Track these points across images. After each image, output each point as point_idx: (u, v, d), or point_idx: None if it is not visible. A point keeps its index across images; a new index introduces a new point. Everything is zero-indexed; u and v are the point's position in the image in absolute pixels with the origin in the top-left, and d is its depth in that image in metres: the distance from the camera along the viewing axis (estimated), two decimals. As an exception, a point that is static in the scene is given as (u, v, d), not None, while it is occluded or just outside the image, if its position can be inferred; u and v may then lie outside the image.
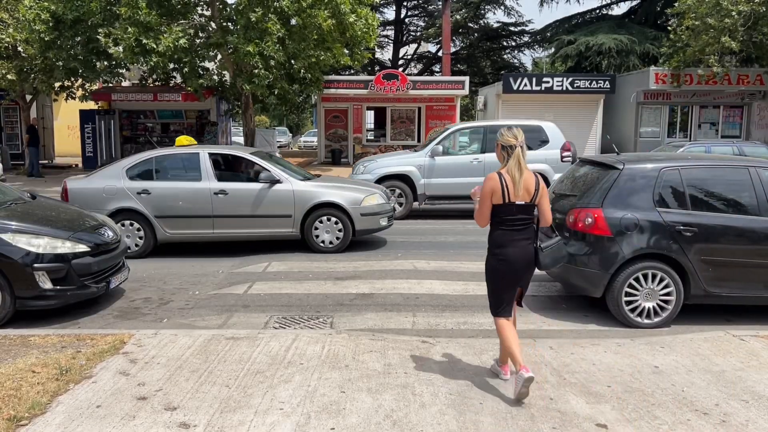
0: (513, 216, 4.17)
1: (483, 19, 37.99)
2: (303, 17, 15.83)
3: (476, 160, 12.31)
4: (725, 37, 19.53)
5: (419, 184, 12.27)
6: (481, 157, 12.32)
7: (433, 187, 12.30)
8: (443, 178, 12.20)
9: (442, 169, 12.29)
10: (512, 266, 4.21)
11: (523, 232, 4.22)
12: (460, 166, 12.32)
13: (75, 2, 16.08)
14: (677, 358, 4.87)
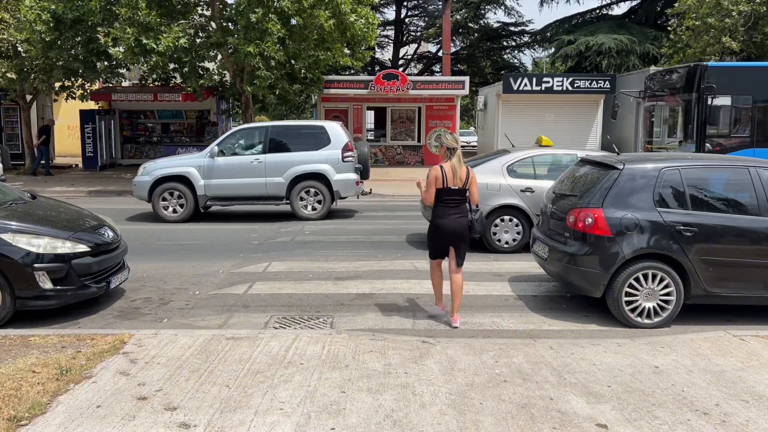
0: (449, 197, 5.74)
1: (483, 19, 37.98)
2: (303, 17, 15.83)
3: (257, 160, 11.94)
4: (726, 38, 19.52)
5: (199, 186, 11.79)
6: (262, 157, 11.97)
7: (213, 188, 11.86)
8: (223, 179, 11.80)
9: (222, 170, 11.87)
10: (443, 231, 5.83)
11: (457, 208, 5.77)
12: (241, 166, 11.97)
13: (75, 2, 16.06)
14: (677, 358, 4.87)
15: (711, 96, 11.69)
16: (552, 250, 6.38)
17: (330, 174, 11.87)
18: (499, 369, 4.62)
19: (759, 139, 11.68)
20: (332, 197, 11.99)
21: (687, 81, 12.11)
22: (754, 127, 11.93)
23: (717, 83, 11.71)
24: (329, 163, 11.93)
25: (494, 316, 6.22)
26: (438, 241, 5.92)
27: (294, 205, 11.89)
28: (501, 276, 7.77)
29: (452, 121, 25.88)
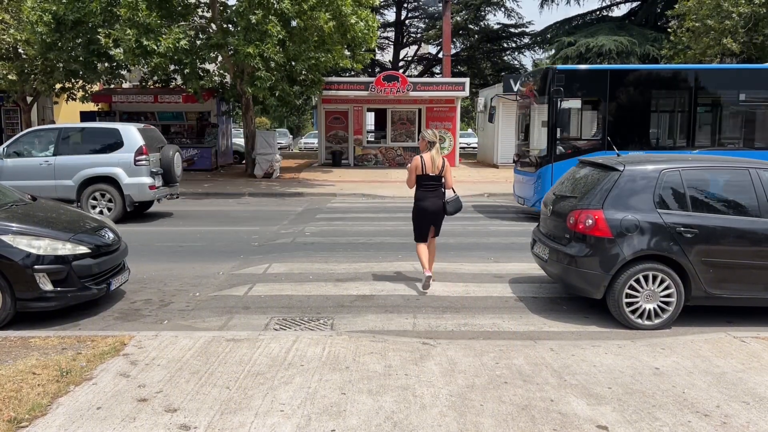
0: (427, 182, 7.04)
1: (483, 21, 38.05)
2: (304, 19, 15.85)
3: (46, 162, 11.79)
4: (726, 39, 19.53)
5: None
6: (52, 159, 11.80)
7: None
8: (12, 182, 11.07)
9: (10, 172, 11.59)
10: (425, 212, 7.11)
11: (434, 192, 7.08)
12: (30, 168, 11.78)
13: (76, 3, 16.10)
14: (678, 360, 4.87)
15: (560, 99, 11.58)
16: (552, 252, 6.39)
17: (121, 177, 11.59)
18: (500, 370, 4.61)
19: (611, 141, 11.65)
20: (124, 201, 11.69)
21: (541, 85, 12.02)
22: (605, 129, 11.85)
23: (566, 86, 11.60)
24: (121, 167, 11.64)
25: (495, 318, 6.22)
26: (422, 221, 7.18)
27: (84, 208, 11.50)
28: (501, 277, 7.76)
29: (452, 123, 25.89)
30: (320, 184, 18.99)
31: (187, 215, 12.91)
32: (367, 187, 18.09)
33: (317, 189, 17.84)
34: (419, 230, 7.22)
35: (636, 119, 12.07)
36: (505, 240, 10.29)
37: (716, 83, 12.33)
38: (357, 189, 17.81)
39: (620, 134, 11.79)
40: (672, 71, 13.11)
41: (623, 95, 12.05)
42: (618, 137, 11.55)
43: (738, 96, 12.11)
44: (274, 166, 20.67)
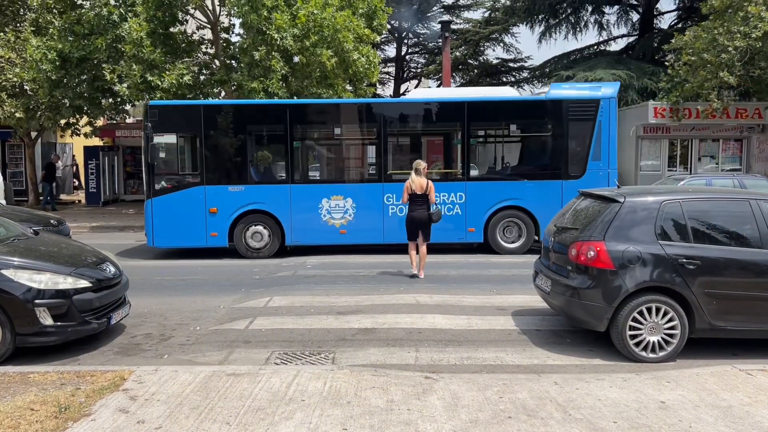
0: (415, 199, 9.55)
1: (482, 56, 38.56)
2: (306, 55, 16.08)
3: None
4: (723, 72, 19.77)
5: None
6: None
7: None
8: None
9: None
10: (414, 220, 9.61)
11: (421, 206, 9.55)
12: None
13: (81, 41, 16.38)
14: (684, 393, 4.81)
15: (155, 134, 11.52)
16: (555, 284, 6.36)
17: None
18: (504, 405, 4.55)
19: (209, 177, 11.66)
20: None
21: (143, 120, 12.00)
22: (203, 164, 11.80)
23: (161, 121, 11.59)
24: None
25: (498, 351, 6.17)
26: (411, 226, 9.69)
27: None
28: (504, 310, 7.72)
29: (453, 156, 25.96)
30: (322, 217, 18.99)
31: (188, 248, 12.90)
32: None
33: (319, 222, 17.83)
34: (410, 233, 9.79)
35: (232, 154, 12.04)
36: (507, 272, 10.26)
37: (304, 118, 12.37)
38: (358, 222, 17.79)
39: (218, 169, 11.87)
40: (265, 106, 13.07)
41: (219, 130, 11.96)
42: (215, 172, 11.74)
43: (333, 130, 12.27)
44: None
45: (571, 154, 12.04)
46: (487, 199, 12.00)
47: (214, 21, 18.75)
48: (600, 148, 11.87)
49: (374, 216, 11.89)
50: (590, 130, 11.89)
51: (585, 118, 11.93)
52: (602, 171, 11.90)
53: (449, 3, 36.86)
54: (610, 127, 11.92)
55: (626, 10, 35.38)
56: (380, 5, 18.51)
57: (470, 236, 12.09)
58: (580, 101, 12.02)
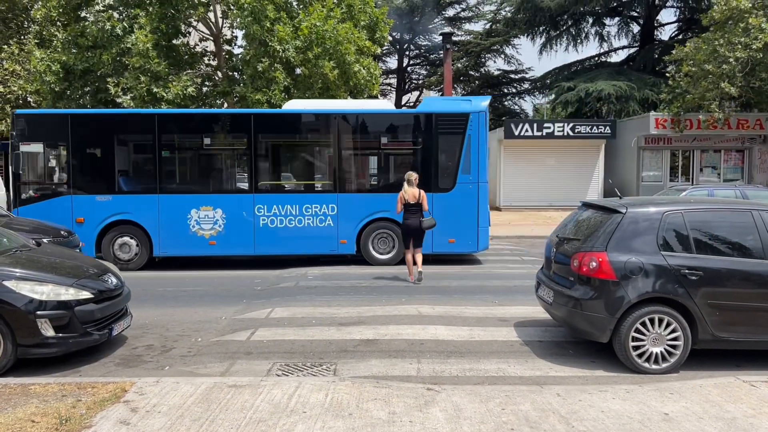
0: (409, 208, 10.08)
1: (484, 67, 38.78)
2: (308, 67, 16.18)
3: None
4: (724, 83, 19.83)
5: None
6: None
7: None
8: None
9: None
10: (408, 228, 10.16)
11: (415, 214, 10.09)
12: None
13: (85, 54, 16.50)
14: (687, 405, 4.78)
15: (21, 143, 11.45)
16: (557, 295, 6.35)
17: None
18: (506, 417, 4.53)
19: (76, 186, 11.54)
20: None
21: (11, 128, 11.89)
22: (70, 173, 11.68)
23: (29, 130, 11.55)
24: None
25: (500, 363, 6.14)
26: (406, 234, 10.27)
27: None
28: (506, 321, 7.70)
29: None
30: (323, 228, 19.01)
31: (190, 259, 12.90)
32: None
33: (320, 233, 17.85)
34: (405, 240, 10.42)
35: (100, 163, 11.89)
36: (509, 283, 10.24)
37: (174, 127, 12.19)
38: (360, 233, 17.81)
39: (85, 178, 11.75)
40: (133, 115, 12.89)
41: (86, 139, 11.80)
42: (83, 181, 11.63)
43: (202, 140, 12.06)
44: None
45: (441, 167, 12.04)
46: (359, 211, 11.97)
47: (216, 33, 18.89)
48: (470, 161, 11.90)
49: (245, 227, 11.73)
50: (460, 144, 11.90)
51: (455, 132, 11.95)
52: (472, 184, 11.93)
53: (451, 15, 37.14)
54: (479, 141, 11.91)
55: (627, 21, 35.59)
56: (382, 17, 18.64)
57: (342, 248, 12.03)
58: (449, 115, 12.03)
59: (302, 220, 11.88)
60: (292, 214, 11.88)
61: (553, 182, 25.15)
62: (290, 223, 11.88)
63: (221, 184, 12.50)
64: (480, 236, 12.12)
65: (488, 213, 12.28)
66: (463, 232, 12.01)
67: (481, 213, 12.04)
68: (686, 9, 32.74)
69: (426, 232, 10.28)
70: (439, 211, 11.60)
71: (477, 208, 12.00)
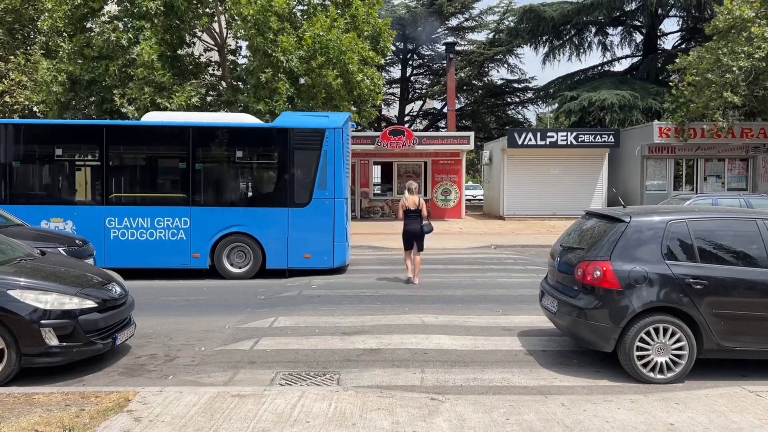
0: (410, 214, 10.84)
1: (487, 77, 38.87)
2: (312, 77, 16.26)
3: None
4: (727, 92, 19.83)
5: None
6: None
7: None
8: None
9: None
10: (408, 233, 10.89)
11: (414, 220, 10.85)
12: None
13: (90, 64, 16.61)
14: (693, 415, 4.75)
15: None
16: (561, 304, 6.33)
17: None
18: (510, 427, 4.51)
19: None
20: None
21: None
22: None
23: None
24: None
25: (504, 372, 6.12)
26: (406, 238, 10.98)
27: None
28: (510, 330, 7.67)
29: (458, 175, 26.14)
30: (327, 237, 19.01)
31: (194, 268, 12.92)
32: (374, 239, 18.12)
33: (324, 242, 17.85)
34: (405, 244, 11.08)
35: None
36: (513, 292, 10.22)
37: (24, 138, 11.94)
38: (364, 241, 17.84)
39: None
40: None
41: None
42: None
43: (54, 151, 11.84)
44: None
45: (298, 182, 11.97)
46: (213, 225, 11.81)
47: (221, 43, 19.01)
48: (326, 177, 11.83)
49: (95, 240, 11.33)
50: (316, 159, 11.83)
51: (311, 147, 11.89)
52: (328, 200, 11.84)
53: (454, 25, 37.28)
54: (335, 157, 11.84)
55: (630, 31, 35.68)
56: (385, 28, 18.73)
57: (195, 262, 11.86)
58: (305, 130, 11.97)
59: (154, 233, 11.74)
60: (144, 227, 11.75)
61: (556, 191, 25.13)
62: (141, 236, 11.74)
63: (72, 196, 12.28)
64: (336, 252, 12.01)
65: (345, 229, 12.19)
66: (318, 247, 11.90)
67: (338, 229, 11.94)
68: (689, 18, 32.82)
69: (425, 236, 10.98)
70: (294, 227, 11.70)
71: (333, 223, 11.89)
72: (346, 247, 12.30)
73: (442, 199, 26.02)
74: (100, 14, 17.47)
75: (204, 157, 12.20)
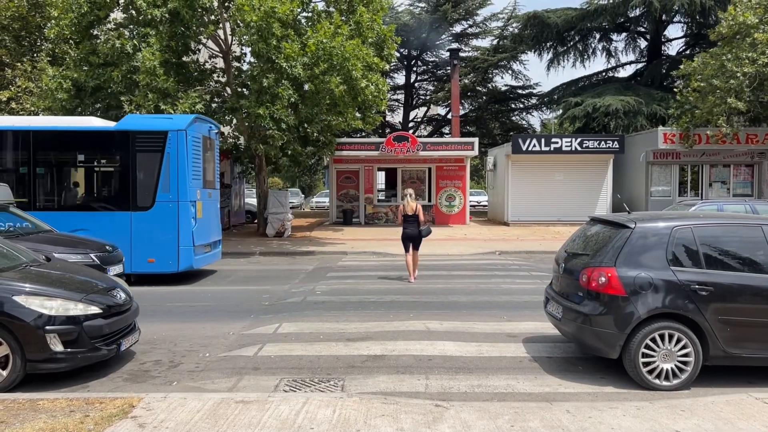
0: (407, 218, 11.82)
1: (491, 83, 38.88)
2: (316, 83, 16.29)
3: None
4: (732, 98, 19.80)
5: None
6: None
7: None
8: None
9: None
10: (407, 236, 11.83)
11: (412, 224, 11.79)
12: None
13: (96, 71, 16.70)
14: (699, 423, 4.72)
15: None
16: (566, 310, 6.31)
17: None
18: (515, 434, 4.49)
19: None
20: None
21: None
22: None
23: None
24: None
25: (509, 379, 6.10)
26: (405, 240, 11.92)
27: None
28: (515, 337, 7.65)
29: (462, 181, 26.14)
30: (331, 243, 19.05)
31: (198, 275, 12.94)
32: (378, 245, 18.12)
33: (328, 247, 17.88)
34: (404, 246, 12.02)
35: None
36: (518, 298, 10.19)
37: None
38: (368, 247, 17.84)
39: None
40: None
41: None
42: None
43: None
44: (286, 225, 20.82)
45: (140, 185, 11.80)
46: None
47: (226, 50, 19.08)
48: (169, 180, 11.65)
49: None
50: (158, 162, 11.66)
51: (153, 150, 11.73)
52: (172, 203, 11.63)
53: (458, 31, 37.34)
54: (179, 159, 11.67)
55: (634, 37, 35.68)
56: (390, 34, 18.77)
57: None
58: (147, 132, 11.84)
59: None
60: None
61: (561, 197, 25.10)
62: None
63: None
64: (181, 256, 11.73)
65: (191, 232, 11.88)
66: (162, 251, 11.63)
67: (182, 232, 11.70)
68: (693, 24, 32.81)
69: (422, 238, 11.97)
70: (138, 230, 11.52)
71: (177, 227, 11.64)
72: (192, 251, 11.94)
73: (447, 205, 26.01)
74: (106, 22, 17.56)
75: (45, 161, 12.06)
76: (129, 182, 11.85)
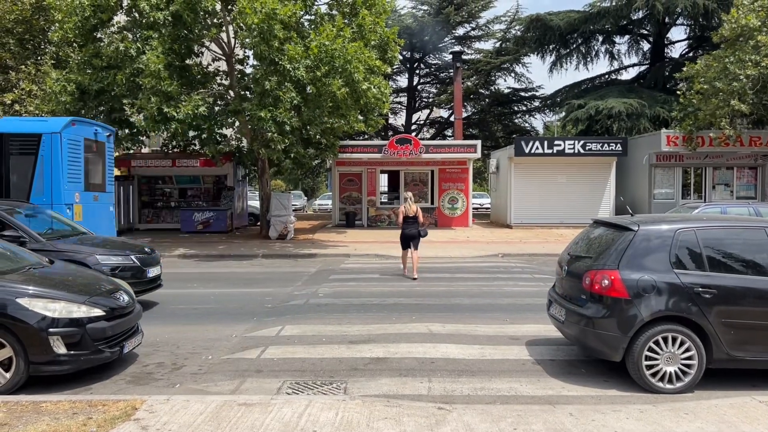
0: (408, 219, 12.58)
1: (494, 86, 38.91)
2: (318, 86, 16.31)
3: None
4: (735, 101, 19.77)
5: None
6: None
7: None
8: None
9: None
10: (406, 236, 12.64)
11: (412, 225, 12.56)
12: None
13: (99, 74, 16.75)
14: (702, 426, 4.71)
15: None
16: (569, 313, 6.30)
17: None
18: (518, 437, 4.48)
19: None
20: None
21: None
22: None
23: None
24: None
25: (512, 382, 6.09)
26: (404, 240, 12.71)
27: None
28: (518, 339, 7.64)
29: (465, 184, 26.13)
30: (334, 245, 19.05)
31: (201, 277, 12.96)
32: (381, 247, 18.11)
33: (331, 250, 17.88)
34: (403, 244, 12.88)
35: None
36: (521, 301, 10.18)
37: None
38: (370, 249, 17.84)
39: None
40: None
41: None
42: None
43: None
44: (289, 227, 20.83)
45: (14, 187, 11.68)
46: None
47: (229, 53, 19.12)
48: (43, 182, 11.55)
49: None
50: (32, 165, 11.57)
51: (26, 152, 11.64)
52: (45, 206, 11.32)
53: (461, 34, 37.37)
54: (53, 162, 11.56)
55: (637, 39, 35.66)
56: (392, 37, 18.78)
57: None
58: (20, 135, 11.76)
59: None
60: None
61: (564, 200, 25.08)
62: None
63: None
64: None
65: None
66: None
67: None
68: (696, 27, 32.77)
69: (420, 238, 12.64)
70: None
71: None
72: None
73: (449, 207, 26.00)
74: (110, 25, 17.61)
75: None
76: (2, 185, 11.77)
